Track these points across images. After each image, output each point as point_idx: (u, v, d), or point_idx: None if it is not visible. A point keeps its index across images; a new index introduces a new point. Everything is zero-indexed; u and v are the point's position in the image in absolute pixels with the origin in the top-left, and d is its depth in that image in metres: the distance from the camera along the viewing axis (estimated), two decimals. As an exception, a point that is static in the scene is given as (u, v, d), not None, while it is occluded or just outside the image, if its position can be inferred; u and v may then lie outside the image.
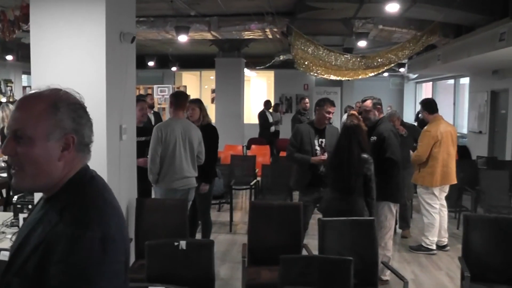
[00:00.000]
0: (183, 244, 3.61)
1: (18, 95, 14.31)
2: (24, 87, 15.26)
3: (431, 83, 18.99)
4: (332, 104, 5.99)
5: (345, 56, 9.83)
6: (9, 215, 4.99)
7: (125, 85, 4.71)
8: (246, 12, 9.68)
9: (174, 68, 17.92)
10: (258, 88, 20.94)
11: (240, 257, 6.31)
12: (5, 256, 3.62)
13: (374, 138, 5.43)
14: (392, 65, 10.49)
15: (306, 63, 9.69)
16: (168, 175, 5.55)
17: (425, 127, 6.68)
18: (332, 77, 10.88)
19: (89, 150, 1.67)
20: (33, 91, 1.61)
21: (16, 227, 4.64)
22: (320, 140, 5.87)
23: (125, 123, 4.77)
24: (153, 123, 8.31)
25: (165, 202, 5.19)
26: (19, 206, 4.86)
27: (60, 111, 1.57)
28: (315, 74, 10.94)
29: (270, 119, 13.69)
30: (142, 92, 13.87)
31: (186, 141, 5.60)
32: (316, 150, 5.83)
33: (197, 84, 20.26)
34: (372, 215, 4.82)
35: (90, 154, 1.66)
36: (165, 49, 15.05)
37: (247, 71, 15.88)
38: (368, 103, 5.69)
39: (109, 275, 1.46)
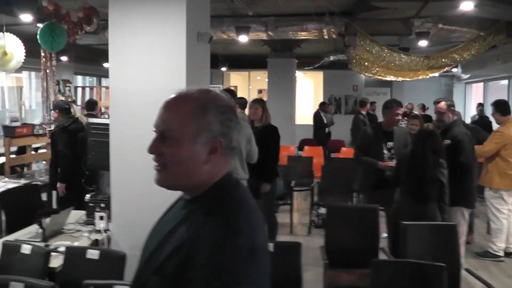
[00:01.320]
0: (270, 246, 3.57)
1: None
2: (76, 88, 15.54)
3: (481, 83, 18.50)
4: (400, 105, 5.93)
5: (408, 56, 9.66)
6: (80, 214, 5.08)
7: (201, 87, 4.69)
8: (303, 12, 9.60)
9: (223, 68, 17.92)
10: (305, 88, 20.81)
11: (306, 259, 6.29)
12: (92, 254, 3.67)
13: (448, 141, 5.27)
14: (454, 65, 10.27)
15: (366, 64, 9.58)
16: None
17: (497, 128, 6.48)
18: (392, 78, 10.72)
19: (235, 154, 1.62)
20: (181, 92, 1.58)
21: (92, 226, 4.71)
22: (388, 143, 5.79)
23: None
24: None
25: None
26: (91, 204, 4.92)
27: (209, 113, 1.52)
28: (371, 75, 10.80)
29: (325, 120, 13.67)
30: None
31: None
32: (384, 153, 5.75)
33: (245, 85, 20.28)
34: (445, 220, 4.71)
35: (235, 158, 1.63)
36: (215, 49, 15.09)
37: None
38: (442, 104, 5.52)
39: (253, 286, 1.38)
